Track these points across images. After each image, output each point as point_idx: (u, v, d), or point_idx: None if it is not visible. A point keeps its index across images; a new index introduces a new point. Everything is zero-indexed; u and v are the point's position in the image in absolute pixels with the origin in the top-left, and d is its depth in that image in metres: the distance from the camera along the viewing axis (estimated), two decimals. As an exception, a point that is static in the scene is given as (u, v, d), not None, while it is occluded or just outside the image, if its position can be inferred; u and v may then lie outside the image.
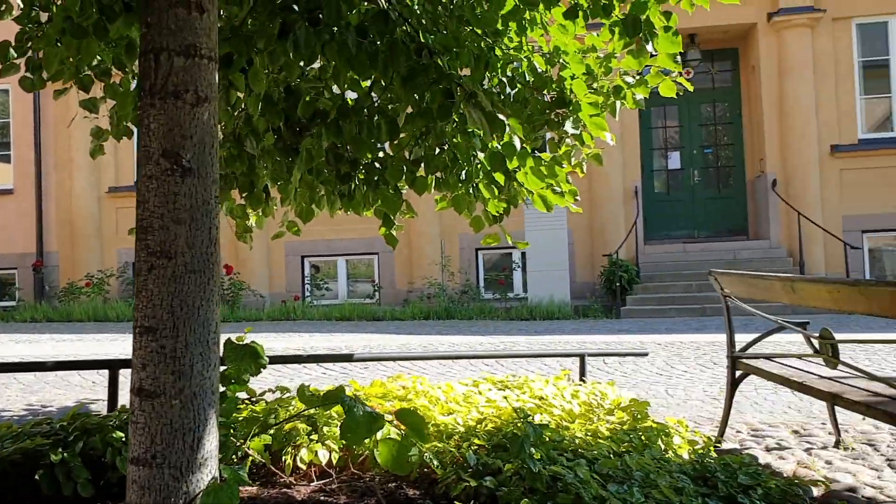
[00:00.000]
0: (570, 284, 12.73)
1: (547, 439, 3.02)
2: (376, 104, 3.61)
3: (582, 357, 4.81)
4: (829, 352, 3.30)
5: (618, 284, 12.17)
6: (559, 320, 11.45)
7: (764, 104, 13.05)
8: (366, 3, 3.01)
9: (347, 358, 4.63)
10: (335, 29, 2.83)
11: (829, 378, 3.59)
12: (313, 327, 10.89)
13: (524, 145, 3.76)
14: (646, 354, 5.31)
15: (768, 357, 4.16)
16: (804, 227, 12.31)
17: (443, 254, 13.50)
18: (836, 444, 4.12)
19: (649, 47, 3.34)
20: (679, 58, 3.59)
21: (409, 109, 3.14)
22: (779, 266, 12.27)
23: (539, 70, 3.86)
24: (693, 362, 6.85)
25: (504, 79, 3.74)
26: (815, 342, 3.52)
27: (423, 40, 2.85)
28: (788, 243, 12.68)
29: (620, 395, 4.26)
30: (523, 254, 13.03)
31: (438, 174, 3.79)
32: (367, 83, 3.67)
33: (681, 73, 3.87)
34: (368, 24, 2.83)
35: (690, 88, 4.14)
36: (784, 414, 4.95)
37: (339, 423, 2.92)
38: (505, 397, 3.90)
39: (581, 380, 4.78)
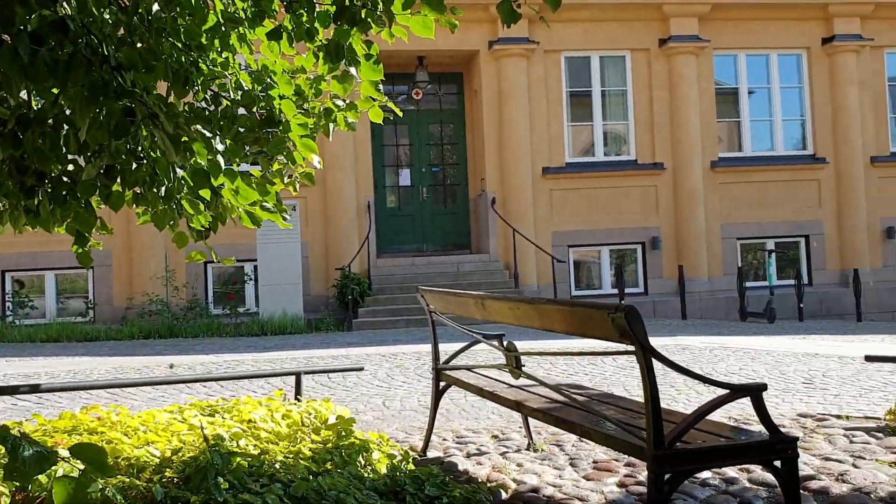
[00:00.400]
0: (304, 298, 12.71)
1: (246, 465, 2.98)
2: (67, 113, 3.36)
3: (297, 375, 4.81)
4: (513, 363, 3.58)
5: (350, 297, 12.35)
6: (291, 335, 11.37)
7: (485, 127, 13.95)
8: (46, 11, 2.79)
9: (34, 389, 4.23)
10: (6, 35, 2.59)
11: (518, 387, 3.90)
12: (13, 351, 9.84)
13: (232, 162, 3.71)
14: (361, 369, 5.44)
15: (469, 368, 4.43)
16: (519, 242, 13.31)
17: (167, 267, 12.83)
18: (528, 447, 4.48)
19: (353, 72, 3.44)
20: (381, 85, 3.73)
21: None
22: (496, 278, 13.18)
23: (247, 88, 3.82)
24: (413, 373, 7.13)
25: (208, 95, 3.65)
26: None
27: (107, 52, 2.70)
28: (505, 257, 13.65)
29: (336, 412, 4.31)
30: (256, 267, 12.78)
31: (137, 189, 3.61)
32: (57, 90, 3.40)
33: (388, 100, 4.01)
34: (46, 33, 2.62)
35: (400, 114, 4.32)
36: (488, 420, 5.30)
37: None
38: (211, 423, 3.79)
39: (296, 398, 4.78)
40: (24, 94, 3.49)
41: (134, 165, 3.50)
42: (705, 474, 3.77)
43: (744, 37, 14.45)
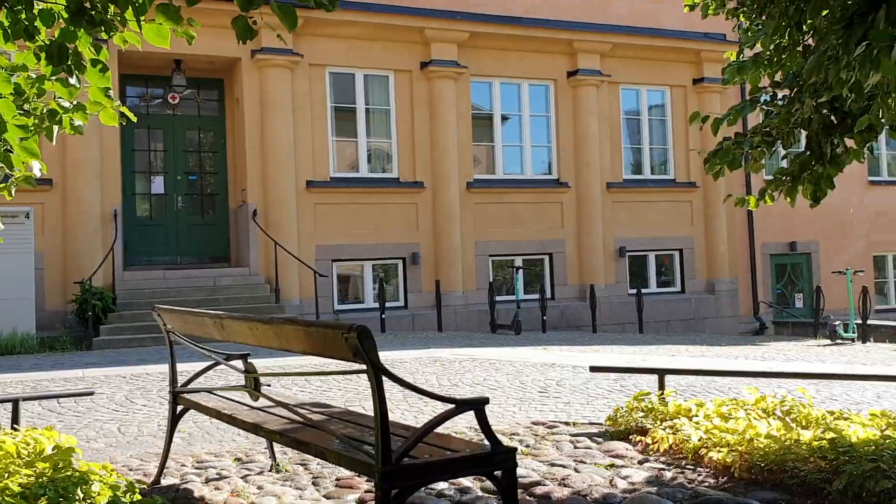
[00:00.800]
0: (38, 314, 11.59)
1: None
2: None
3: (15, 401, 4.37)
4: (251, 384, 3.50)
5: (91, 313, 11.44)
6: (20, 355, 10.32)
7: (247, 137, 13.59)
8: None
9: None
10: None
11: (259, 409, 3.82)
12: None
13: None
14: (91, 393, 5.05)
15: (210, 391, 4.27)
16: (281, 256, 13.09)
17: None
18: (272, 469, 4.40)
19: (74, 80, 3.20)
20: (112, 91, 3.51)
21: None
22: (257, 293, 12.86)
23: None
24: (156, 395, 6.74)
25: None
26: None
27: None
28: (266, 271, 13.36)
29: (59, 441, 3.97)
30: (-19, 280, 11.46)
31: None
32: None
33: (120, 105, 3.78)
34: None
35: (134, 119, 4.07)
36: (233, 442, 5.13)
37: None
38: None
39: (13, 427, 4.33)
40: None
41: None
42: (441, 485, 3.91)
43: (499, 65, 15.32)
